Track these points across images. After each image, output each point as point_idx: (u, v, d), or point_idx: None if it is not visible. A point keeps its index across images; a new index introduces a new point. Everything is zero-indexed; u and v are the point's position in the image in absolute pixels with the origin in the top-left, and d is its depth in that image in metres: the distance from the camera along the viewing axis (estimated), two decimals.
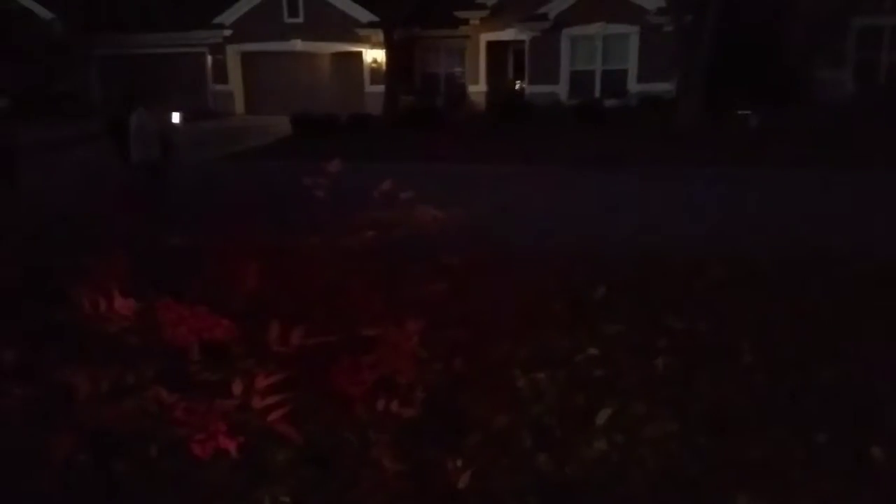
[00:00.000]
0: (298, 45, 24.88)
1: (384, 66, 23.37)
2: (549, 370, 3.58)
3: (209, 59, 26.12)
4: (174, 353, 3.18)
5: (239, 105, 26.10)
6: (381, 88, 22.98)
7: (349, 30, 24.16)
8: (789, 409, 3.30)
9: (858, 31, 21.00)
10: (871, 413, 3.40)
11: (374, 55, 24.34)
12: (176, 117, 12.08)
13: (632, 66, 21.66)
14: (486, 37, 23.73)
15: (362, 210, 7.28)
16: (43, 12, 26.95)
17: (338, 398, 3.38)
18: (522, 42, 22.80)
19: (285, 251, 4.37)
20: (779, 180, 11.47)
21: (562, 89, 22.27)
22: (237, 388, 2.83)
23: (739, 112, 18.05)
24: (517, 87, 24.24)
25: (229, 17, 25.34)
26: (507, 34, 23.10)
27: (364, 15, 23.95)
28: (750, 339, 3.66)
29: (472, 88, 24.16)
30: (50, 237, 5.58)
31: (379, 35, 23.09)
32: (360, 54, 24.67)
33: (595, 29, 21.56)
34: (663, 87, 20.02)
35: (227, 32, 25.51)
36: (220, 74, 25.96)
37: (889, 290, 4.82)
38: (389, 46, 22.75)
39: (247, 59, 25.91)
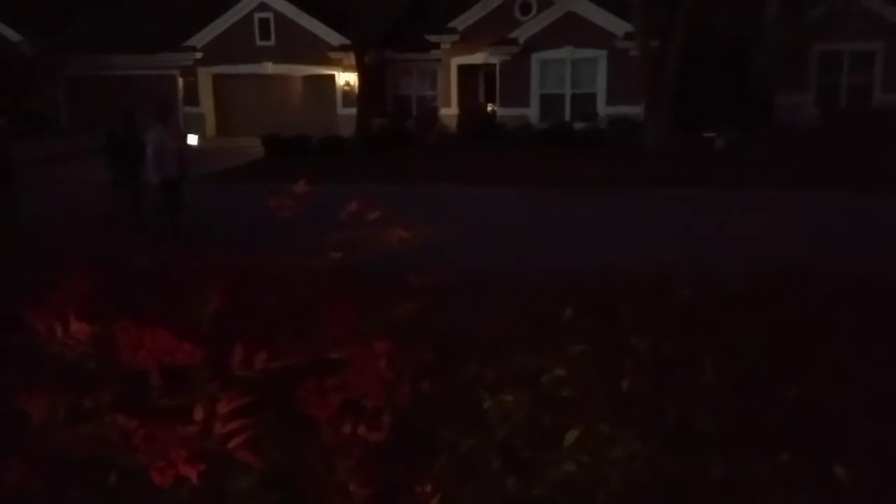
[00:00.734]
0: (270, 67, 24.89)
1: (356, 89, 23.46)
2: (516, 391, 3.57)
3: (180, 81, 26.00)
4: (134, 378, 3.12)
5: (210, 127, 25.98)
6: (353, 111, 23.05)
7: (321, 53, 24.24)
8: (753, 427, 3.32)
9: (819, 56, 21.58)
10: (835, 431, 3.44)
11: (346, 78, 24.43)
12: (193, 138, 11.94)
13: (600, 89, 21.99)
14: (457, 60, 23.96)
15: (330, 231, 7.25)
16: (11, 34, 26.68)
17: (303, 422, 3.34)
18: (493, 65, 23.06)
19: (250, 272, 4.34)
20: (743, 201, 11.68)
21: (532, 112, 22.52)
22: (198, 413, 2.78)
23: (706, 134, 18.39)
24: (488, 109, 24.46)
25: (201, 39, 25.29)
26: (478, 58, 23.35)
27: (336, 38, 24.06)
28: (713, 357, 3.69)
29: (443, 111, 24.32)
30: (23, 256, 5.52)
31: (351, 58, 23.20)
32: (332, 77, 24.74)
33: (564, 53, 21.89)
34: (632, 109, 20.33)
35: (199, 55, 25.45)
36: (191, 96, 25.85)
37: (851, 307, 4.90)
38: (361, 69, 22.86)
39: (218, 81, 25.84)
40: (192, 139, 12.05)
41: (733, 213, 10.68)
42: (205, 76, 25.78)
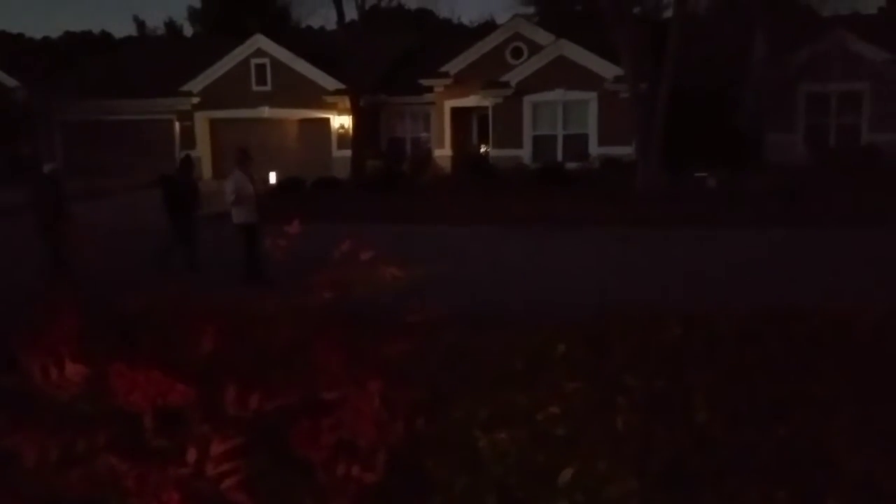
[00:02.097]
0: (266, 111, 25.18)
1: (351, 132, 23.72)
2: (510, 430, 3.57)
3: (177, 125, 26.26)
4: (127, 419, 3.11)
5: (206, 170, 26.15)
6: (347, 153, 23.27)
7: (316, 97, 24.56)
8: (745, 464, 3.32)
9: (807, 96, 21.94)
10: (827, 467, 3.43)
11: (340, 121, 24.72)
12: (273, 177, 11.88)
13: (592, 130, 22.28)
14: (450, 103, 24.29)
15: (324, 270, 7.25)
16: (7, 80, 26.99)
17: (297, 463, 3.32)
18: (486, 108, 23.38)
19: (244, 313, 4.35)
20: (736, 240, 11.76)
21: (525, 153, 22.76)
22: (191, 455, 2.77)
23: (697, 174, 18.58)
24: (482, 150, 24.73)
25: (197, 84, 25.61)
26: (471, 100, 23.69)
27: (331, 83, 24.40)
28: (705, 395, 3.70)
29: (437, 152, 24.58)
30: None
31: (346, 102, 23.51)
32: (327, 120, 25.02)
33: (555, 95, 22.22)
34: (623, 150, 20.57)
35: (196, 100, 25.75)
36: (188, 140, 26.08)
37: (838, 345, 4.92)
38: (356, 112, 23.15)
39: (215, 125, 26.10)
40: (272, 177, 12.05)
41: (722, 252, 10.76)
42: (201, 120, 26.04)
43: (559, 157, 22.26)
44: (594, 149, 22.14)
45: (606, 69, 21.35)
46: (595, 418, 3.54)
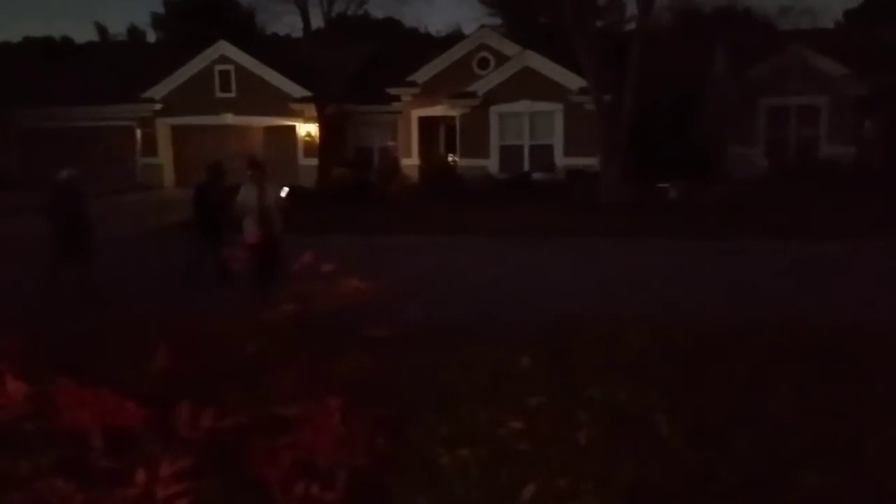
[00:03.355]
0: (230, 118, 24.84)
1: (317, 140, 23.51)
2: (472, 446, 3.51)
3: (138, 132, 25.79)
4: (74, 440, 2.99)
5: (168, 178, 25.71)
6: (314, 161, 23.07)
7: (282, 104, 24.31)
8: (709, 478, 3.31)
9: (767, 110, 22.39)
10: (789, 481, 3.44)
11: (307, 129, 24.49)
12: (284, 191, 11.10)
13: (557, 141, 22.41)
14: (417, 112, 24.25)
15: (285, 282, 7.14)
16: None
17: (253, 484, 3.22)
18: (453, 118, 23.39)
19: (200, 328, 4.23)
20: (694, 250, 11.89)
21: (492, 163, 22.81)
22: (140, 476, 2.67)
23: (660, 185, 18.80)
24: (449, 160, 24.73)
25: (159, 91, 25.19)
26: (438, 110, 23.67)
27: (297, 90, 24.19)
28: (668, 408, 3.69)
29: (404, 161, 24.49)
30: None
31: (312, 109, 23.31)
32: (293, 128, 24.78)
33: (521, 106, 22.31)
34: (588, 161, 20.71)
35: (158, 106, 25.30)
36: (149, 148, 25.60)
37: (798, 358, 4.97)
38: (322, 120, 22.96)
39: (177, 132, 25.68)
40: (284, 191, 11.41)
41: (679, 262, 10.87)
42: (163, 127, 25.60)
43: (525, 167, 22.35)
44: (560, 160, 22.27)
45: (571, 81, 21.52)
46: (558, 433, 3.50)
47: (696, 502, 3.18)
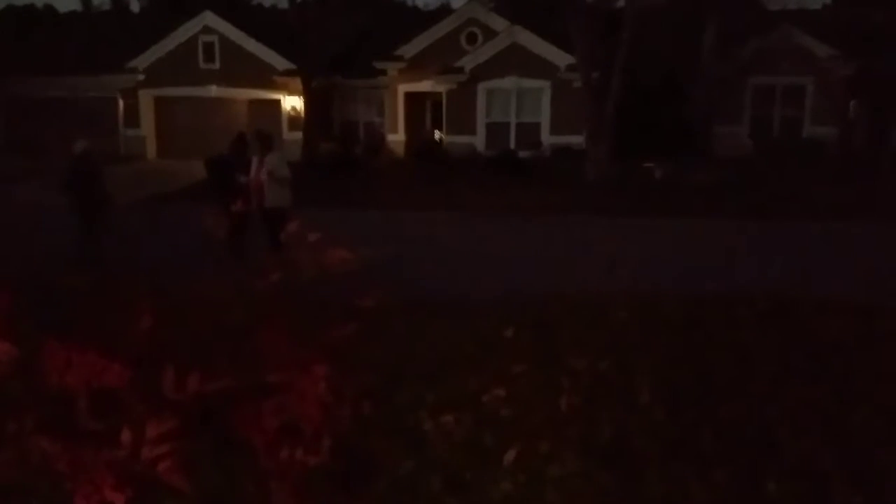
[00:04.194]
0: (214, 90, 24.56)
1: (302, 114, 23.31)
2: (456, 412, 3.56)
3: (121, 103, 25.45)
4: (60, 400, 3.00)
5: (151, 149, 25.44)
6: (299, 135, 22.90)
7: (266, 77, 24.05)
8: (687, 445, 3.38)
9: (753, 89, 22.47)
10: (767, 448, 3.52)
11: (292, 102, 24.27)
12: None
13: (544, 118, 22.38)
14: (404, 87, 24.08)
15: (269, 253, 7.13)
16: None
17: (239, 447, 3.25)
18: (440, 93, 23.26)
19: (187, 294, 4.23)
20: (678, 229, 11.98)
21: (479, 140, 22.75)
22: (126, 437, 2.68)
23: (645, 164, 18.86)
24: (436, 136, 24.63)
25: (143, 61, 24.83)
26: (425, 85, 23.51)
27: (281, 63, 23.93)
28: (649, 376, 3.75)
29: (391, 137, 24.37)
30: None
31: (297, 83, 23.07)
32: (277, 101, 24.54)
33: (509, 83, 22.22)
34: (575, 139, 20.71)
35: (141, 77, 24.96)
36: (132, 119, 25.29)
37: (777, 328, 5.05)
38: (308, 94, 22.74)
39: (160, 103, 25.37)
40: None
41: (662, 240, 10.96)
42: (146, 98, 25.29)
43: (512, 144, 22.31)
44: (546, 137, 22.26)
45: (560, 57, 21.44)
46: (539, 400, 3.56)
47: (672, 466, 3.25)
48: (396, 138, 24.25)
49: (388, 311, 4.69)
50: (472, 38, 23.39)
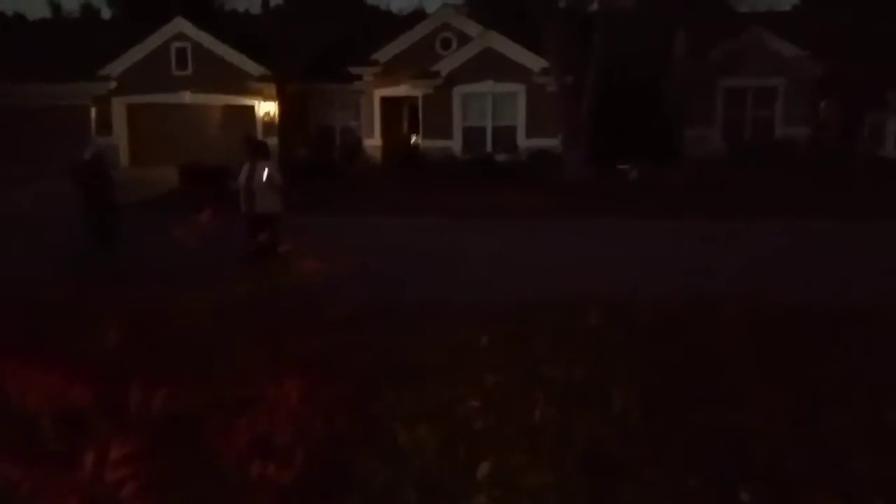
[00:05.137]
0: (187, 97, 24.33)
1: (277, 119, 23.17)
2: (430, 424, 3.53)
3: (93, 110, 25.12)
4: (22, 422, 2.93)
5: (124, 157, 25.09)
6: (274, 141, 22.75)
7: (241, 83, 23.87)
8: (661, 452, 3.38)
9: (725, 91, 22.71)
10: (740, 456, 3.53)
11: (266, 108, 24.11)
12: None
13: (520, 122, 22.45)
14: (380, 92, 24.01)
15: (243, 262, 7.04)
16: None
17: (209, 465, 3.19)
18: (416, 98, 23.24)
19: (155, 307, 4.17)
20: (650, 230, 12.05)
21: (455, 144, 22.76)
22: (89, 458, 2.62)
23: (620, 166, 18.98)
24: (412, 141, 24.59)
25: (115, 68, 24.53)
26: (401, 90, 23.47)
27: (255, 68, 23.77)
28: (622, 384, 3.74)
29: (367, 142, 24.29)
30: None
31: (272, 88, 22.90)
32: (252, 107, 24.36)
33: (485, 87, 22.28)
34: (551, 142, 20.81)
35: (113, 84, 24.65)
36: (105, 126, 24.97)
37: (751, 333, 5.08)
38: (283, 100, 22.59)
39: (133, 110, 25.07)
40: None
41: (638, 241, 11.03)
42: (119, 106, 24.97)
43: (489, 148, 22.35)
44: (522, 141, 22.33)
45: (533, 61, 21.53)
46: (514, 411, 3.53)
47: (646, 475, 3.24)
48: (373, 143, 24.17)
49: (360, 320, 4.65)
50: (446, 43, 23.40)
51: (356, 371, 4.13)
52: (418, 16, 30.90)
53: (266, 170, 8.89)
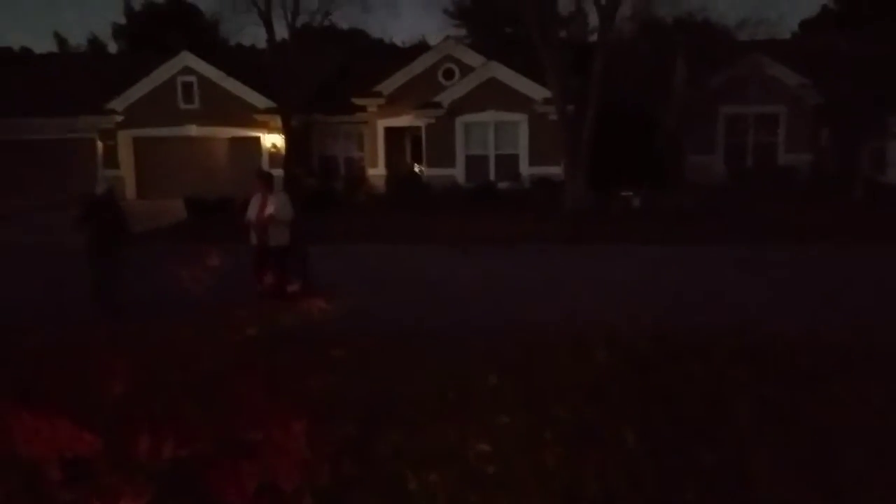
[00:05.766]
0: (194, 130, 24.56)
1: (283, 150, 23.35)
2: (440, 468, 3.49)
3: (100, 144, 25.34)
4: (30, 470, 2.91)
5: (130, 190, 25.27)
6: (279, 172, 22.89)
7: (246, 115, 24.10)
8: (672, 494, 3.34)
9: (726, 118, 22.83)
10: (748, 496, 3.48)
11: (272, 139, 24.32)
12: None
13: (522, 150, 22.58)
14: (383, 122, 24.21)
15: (249, 299, 7.01)
16: None
17: None
18: (419, 127, 23.41)
19: (160, 349, 4.15)
20: (656, 256, 12.03)
21: (458, 172, 22.87)
22: None
23: (623, 193, 19.03)
24: (416, 170, 24.72)
25: (122, 102, 24.79)
26: (404, 120, 23.67)
27: (261, 101, 24.01)
28: (631, 423, 3.71)
29: (371, 171, 24.43)
30: None
31: (277, 120, 23.14)
32: (257, 139, 24.57)
33: (487, 117, 22.45)
34: (553, 170, 20.90)
35: (120, 118, 24.90)
36: (111, 160, 25.17)
37: (753, 369, 5.04)
38: (288, 131, 22.81)
39: (139, 144, 25.29)
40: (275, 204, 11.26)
41: (643, 268, 11.00)
42: (125, 139, 25.19)
43: (491, 176, 22.46)
44: (525, 169, 22.44)
45: (536, 91, 21.71)
46: (523, 452, 3.50)
47: None
48: (377, 172, 24.32)
49: (366, 356, 4.63)
50: (449, 74, 23.65)
51: (360, 410, 4.10)
52: (421, 47, 31.31)
53: (278, 202, 8.97)
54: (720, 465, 3.54)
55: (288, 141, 22.96)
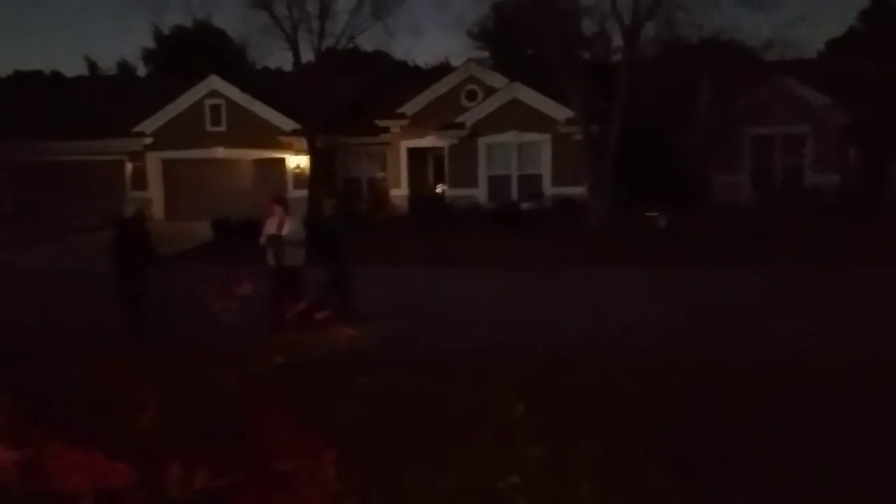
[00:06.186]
0: (221, 152, 24.94)
1: (307, 172, 23.61)
2: (470, 500, 3.47)
3: (128, 166, 25.81)
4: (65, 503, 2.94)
5: (158, 211, 25.67)
6: (304, 193, 23.12)
7: (272, 137, 24.43)
8: None
9: (752, 139, 22.65)
10: None
11: (297, 161, 24.61)
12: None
13: (545, 171, 22.59)
14: (406, 143, 24.40)
15: (275, 325, 7.01)
16: None
17: None
18: (442, 148, 23.55)
19: (188, 379, 4.19)
20: (681, 280, 11.92)
21: (481, 193, 22.93)
22: None
23: (648, 214, 18.92)
24: (438, 190, 24.83)
25: (150, 125, 25.27)
26: (427, 141, 23.83)
27: (287, 123, 24.33)
28: (663, 458, 3.66)
29: (394, 192, 24.59)
30: None
31: (302, 142, 23.43)
32: (283, 160, 24.89)
33: (509, 137, 22.51)
34: (576, 190, 20.86)
35: (148, 140, 25.38)
36: (140, 181, 25.62)
37: (789, 401, 4.96)
38: (312, 153, 23.08)
39: (167, 165, 25.73)
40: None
41: (672, 292, 10.90)
42: (154, 161, 25.64)
43: (514, 196, 22.47)
44: (548, 189, 22.42)
45: (559, 111, 21.74)
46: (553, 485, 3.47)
47: None
48: (400, 193, 24.47)
49: (394, 386, 4.63)
50: (471, 95, 23.80)
51: (388, 439, 4.10)
52: (444, 69, 31.54)
53: (292, 224, 9.16)
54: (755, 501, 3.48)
55: (313, 162, 23.21)
